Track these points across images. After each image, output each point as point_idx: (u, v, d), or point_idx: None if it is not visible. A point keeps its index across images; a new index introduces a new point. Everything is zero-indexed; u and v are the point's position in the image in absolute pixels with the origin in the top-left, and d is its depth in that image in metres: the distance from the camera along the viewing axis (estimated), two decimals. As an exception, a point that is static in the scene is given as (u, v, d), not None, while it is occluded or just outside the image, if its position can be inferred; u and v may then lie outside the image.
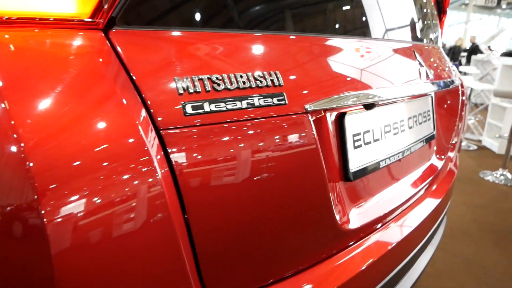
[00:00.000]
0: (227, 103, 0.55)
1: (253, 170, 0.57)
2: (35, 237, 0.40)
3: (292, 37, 0.71)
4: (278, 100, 0.60)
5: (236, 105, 0.56)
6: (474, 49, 9.38)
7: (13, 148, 0.41)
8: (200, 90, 0.53)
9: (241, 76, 0.58)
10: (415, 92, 0.94)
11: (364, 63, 0.84)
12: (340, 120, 0.80)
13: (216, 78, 0.55)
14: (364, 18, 0.92)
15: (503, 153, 4.00)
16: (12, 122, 0.41)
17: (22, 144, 0.40)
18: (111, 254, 0.44)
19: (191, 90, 0.53)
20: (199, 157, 0.52)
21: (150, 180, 0.47)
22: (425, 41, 1.16)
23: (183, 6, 0.60)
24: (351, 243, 0.83)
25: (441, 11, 1.47)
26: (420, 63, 1.02)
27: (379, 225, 0.94)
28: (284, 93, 0.62)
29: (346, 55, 0.81)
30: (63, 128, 0.43)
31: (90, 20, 0.51)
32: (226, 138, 0.55)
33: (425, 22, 1.17)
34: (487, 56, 4.88)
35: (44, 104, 0.44)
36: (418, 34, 1.12)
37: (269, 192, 0.60)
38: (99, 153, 0.44)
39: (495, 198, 3.24)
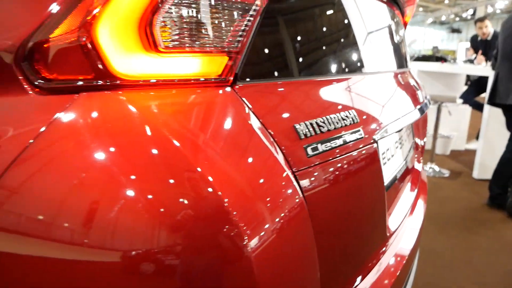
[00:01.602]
0: (331, 142, 0.64)
1: (351, 192, 0.69)
2: (242, 265, 0.46)
3: (352, 77, 0.83)
4: (359, 134, 0.71)
5: (336, 143, 0.65)
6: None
7: (211, 195, 0.46)
8: (313, 133, 0.62)
9: (334, 118, 0.67)
10: (420, 113, 1.11)
11: (387, 94, 0.98)
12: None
13: (320, 121, 0.64)
14: (375, 54, 1.07)
15: (428, 148, 4.55)
16: (201, 171, 0.47)
17: (219, 193, 0.46)
18: (284, 271, 0.52)
19: (308, 135, 0.61)
20: (318, 189, 0.61)
21: (301, 212, 0.55)
22: (406, 66, 1.36)
23: (284, 60, 0.68)
24: (389, 246, 0.97)
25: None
26: (415, 87, 1.20)
27: (399, 229, 1.08)
28: (361, 128, 0.72)
29: (377, 89, 0.94)
30: (243, 171, 0.49)
31: (221, 78, 0.56)
32: (333, 171, 0.64)
33: (405, 48, 1.36)
34: (405, 63, 5.52)
35: (219, 152, 0.49)
36: (404, 61, 1.30)
37: (361, 207, 0.72)
38: (267, 193, 0.51)
39: (429, 189, 3.68)
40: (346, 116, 0.70)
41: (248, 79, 0.60)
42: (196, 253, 0.44)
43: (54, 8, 0.53)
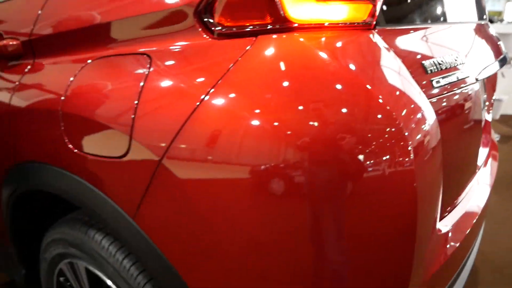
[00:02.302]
0: (448, 77, 0.76)
1: (462, 120, 0.85)
2: (405, 171, 0.61)
3: (454, 26, 0.95)
4: (467, 74, 0.83)
5: (451, 80, 0.78)
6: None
7: (385, 112, 0.60)
8: (436, 70, 0.74)
9: (448, 58, 0.79)
10: (501, 65, 1.19)
11: (478, 43, 1.07)
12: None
13: (440, 60, 0.76)
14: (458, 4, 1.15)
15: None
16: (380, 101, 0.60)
17: (388, 107, 0.61)
18: (426, 182, 0.66)
19: (433, 70, 0.74)
20: (441, 117, 0.74)
21: (437, 131, 0.70)
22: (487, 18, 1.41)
23: (410, 10, 0.80)
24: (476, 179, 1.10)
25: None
26: (497, 39, 1.27)
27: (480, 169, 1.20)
28: (466, 69, 0.84)
29: (471, 38, 1.04)
30: (395, 94, 0.63)
31: (366, 22, 0.69)
32: (451, 102, 0.79)
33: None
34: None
35: (377, 78, 0.63)
36: (484, 13, 1.36)
37: (468, 135, 0.86)
38: (418, 114, 0.65)
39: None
40: (456, 58, 0.82)
41: (384, 24, 0.73)
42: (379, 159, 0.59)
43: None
